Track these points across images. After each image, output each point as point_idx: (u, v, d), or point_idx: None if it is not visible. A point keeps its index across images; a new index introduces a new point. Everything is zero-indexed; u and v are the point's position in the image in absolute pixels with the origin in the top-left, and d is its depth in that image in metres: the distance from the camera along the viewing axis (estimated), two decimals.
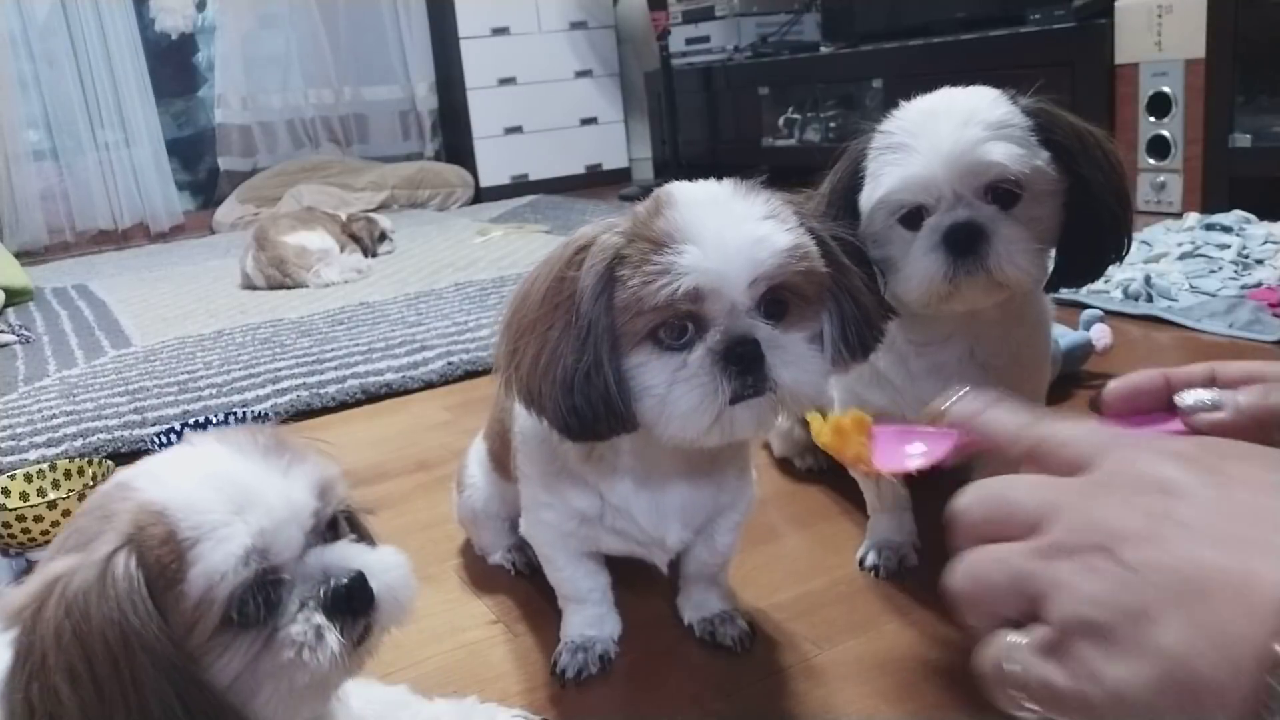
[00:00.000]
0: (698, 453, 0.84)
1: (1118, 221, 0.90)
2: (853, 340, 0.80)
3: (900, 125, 0.89)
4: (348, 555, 0.60)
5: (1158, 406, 0.47)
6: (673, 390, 0.73)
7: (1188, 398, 0.45)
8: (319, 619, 0.56)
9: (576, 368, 0.73)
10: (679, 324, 0.74)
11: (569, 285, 0.75)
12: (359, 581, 0.58)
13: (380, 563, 0.61)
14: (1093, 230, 0.90)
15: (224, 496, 0.55)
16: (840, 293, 0.79)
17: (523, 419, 0.89)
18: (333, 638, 0.56)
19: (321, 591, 0.57)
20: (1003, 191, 0.86)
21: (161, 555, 0.53)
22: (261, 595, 0.55)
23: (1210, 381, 0.46)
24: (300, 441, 0.62)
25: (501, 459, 1.01)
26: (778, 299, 0.76)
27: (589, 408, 0.74)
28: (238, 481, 0.56)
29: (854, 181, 0.92)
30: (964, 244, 0.84)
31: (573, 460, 0.86)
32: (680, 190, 0.77)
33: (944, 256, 0.85)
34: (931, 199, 0.87)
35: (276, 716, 0.57)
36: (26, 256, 4.11)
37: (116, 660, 0.50)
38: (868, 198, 0.90)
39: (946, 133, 0.85)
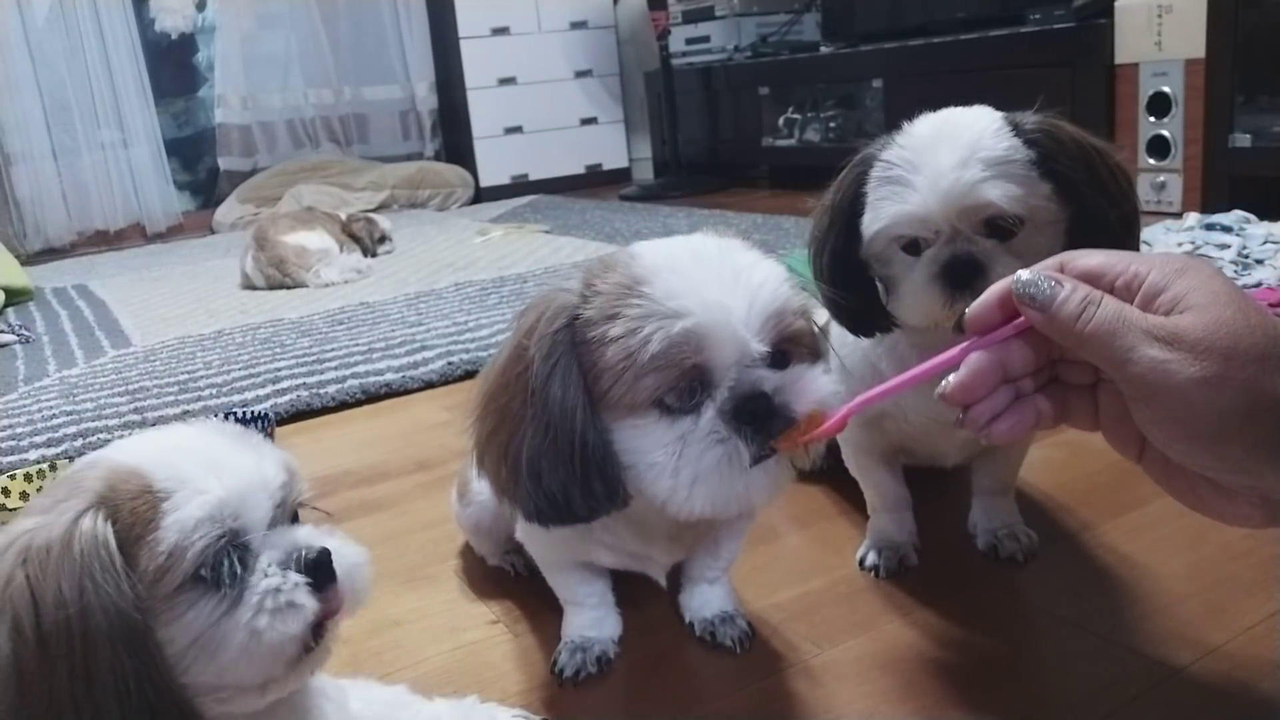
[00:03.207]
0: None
1: (1120, 247, 0.90)
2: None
3: (900, 156, 0.88)
4: (312, 535, 0.61)
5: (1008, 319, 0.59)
6: (684, 457, 0.65)
7: (1021, 275, 0.57)
8: (295, 576, 0.57)
9: (541, 448, 0.66)
10: (688, 385, 0.66)
11: (527, 357, 0.68)
12: (325, 555, 0.59)
13: (341, 548, 0.62)
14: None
15: (196, 459, 0.57)
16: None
17: None
18: (304, 595, 0.57)
19: (292, 558, 0.58)
20: (1001, 226, 0.86)
21: (136, 506, 0.54)
22: (232, 556, 0.56)
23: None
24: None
25: None
26: (782, 349, 0.70)
27: (561, 492, 0.67)
28: (208, 449, 0.58)
29: (855, 205, 0.92)
30: (961, 278, 0.85)
31: None
32: (636, 246, 0.71)
33: (942, 289, 0.86)
34: (929, 233, 0.87)
35: (234, 681, 0.56)
36: (39, 256, 4.12)
37: (69, 617, 0.50)
38: (868, 226, 0.90)
39: (945, 170, 0.84)
